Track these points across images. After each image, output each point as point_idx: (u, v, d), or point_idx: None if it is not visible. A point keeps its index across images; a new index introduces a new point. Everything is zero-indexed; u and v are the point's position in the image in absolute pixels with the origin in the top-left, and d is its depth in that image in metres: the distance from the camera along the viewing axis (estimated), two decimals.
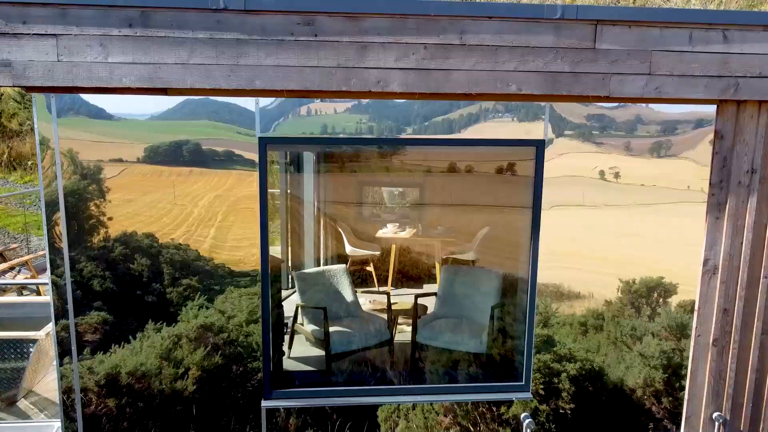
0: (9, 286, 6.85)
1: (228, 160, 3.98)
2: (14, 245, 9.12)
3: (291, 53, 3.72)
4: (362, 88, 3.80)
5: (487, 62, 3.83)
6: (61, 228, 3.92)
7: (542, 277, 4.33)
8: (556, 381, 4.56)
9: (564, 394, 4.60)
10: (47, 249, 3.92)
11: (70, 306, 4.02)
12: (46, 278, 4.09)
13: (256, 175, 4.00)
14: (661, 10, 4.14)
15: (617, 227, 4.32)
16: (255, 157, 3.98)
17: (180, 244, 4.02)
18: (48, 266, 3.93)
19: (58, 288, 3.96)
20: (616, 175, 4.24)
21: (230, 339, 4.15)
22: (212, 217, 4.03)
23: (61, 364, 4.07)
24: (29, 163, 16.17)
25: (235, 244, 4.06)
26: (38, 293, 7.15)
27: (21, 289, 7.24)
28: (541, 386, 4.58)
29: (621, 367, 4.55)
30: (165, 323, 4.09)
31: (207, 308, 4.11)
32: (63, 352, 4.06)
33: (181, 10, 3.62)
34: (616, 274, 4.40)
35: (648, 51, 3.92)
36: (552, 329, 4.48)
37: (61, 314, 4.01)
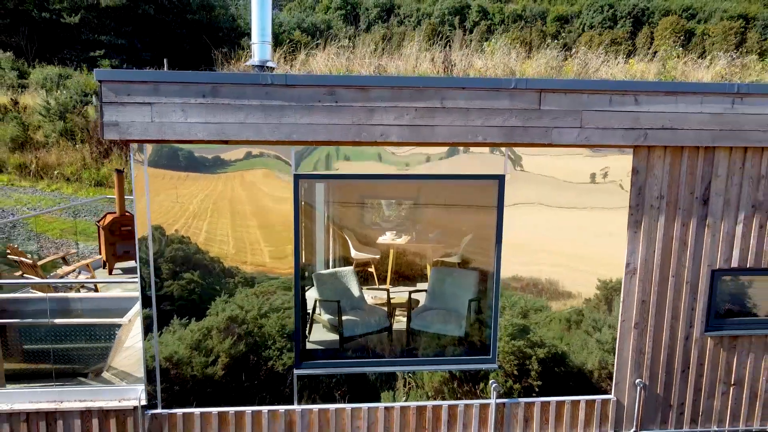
0: (73, 284, 8.20)
1: (269, 196, 5.40)
2: (73, 250, 10.48)
3: (319, 115, 5.14)
4: (370, 139, 5.23)
5: (461, 120, 5.26)
6: (149, 242, 5.34)
7: (529, 273, 5.76)
8: (528, 363, 5.99)
9: (533, 373, 6.02)
10: (138, 258, 5.34)
11: (153, 298, 5.43)
12: (101, 278, 5.45)
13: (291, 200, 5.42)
14: (588, 81, 5.55)
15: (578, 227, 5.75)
16: (291, 188, 5.40)
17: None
18: (138, 270, 5.35)
19: (144, 285, 5.37)
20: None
21: (264, 327, 5.57)
22: (250, 232, 5.45)
23: (145, 339, 5.48)
24: (55, 172, 17.52)
25: (276, 256, 5.48)
26: (96, 290, 8.52)
27: (80, 287, 8.61)
28: (516, 367, 6.00)
29: (584, 352, 5.96)
30: (218, 312, 5.50)
31: (246, 297, 5.52)
32: (147, 331, 5.47)
33: (240, 85, 5.04)
34: (590, 271, 5.78)
35: (579, 110, 5.36)
36: (528, 320, 5.89)
37: (147, 304, 5.42)
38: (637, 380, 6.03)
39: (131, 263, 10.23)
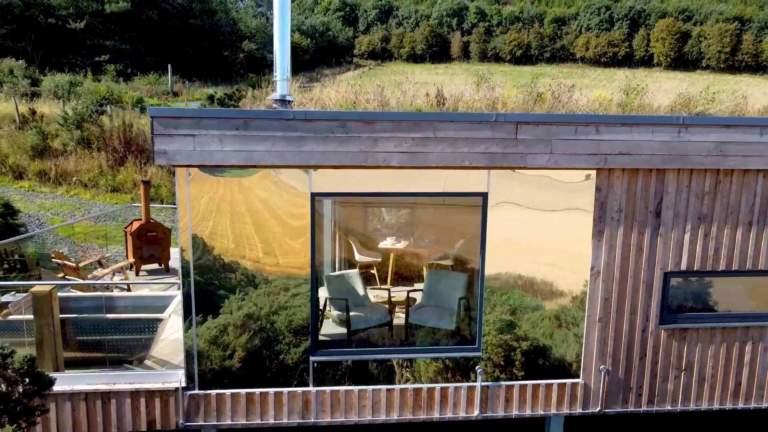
0: (109, 284, 9.21)
1: (289, 211, 6.44)
2: (107, 254, 11.52)
3: (332, 144, 6.19)
4: (375, 164, 6.27)
5: (450, 148, 6.30)
6: (189, 250, 6.37)
7: (517, 270, 6.79)
8: (512, 354, 7.02)
9: (517, 363, 7.06)
10: (180, 261, 6.38)
11: (192, 295, 6.46)
12: (133, 279, 6.46)
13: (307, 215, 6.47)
14: (556, 115, 6.60)
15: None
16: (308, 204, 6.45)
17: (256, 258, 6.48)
18: (180, 272, 6.39)
19: (185, 284, 6.41)
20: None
21: (282, 319, 6.61)
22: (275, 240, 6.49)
23: (185, 331, 6.51)
24: (73, 179, 18.53)
25: (292, 260, 6.52)
26: (128, 290, 9.53)
27: (114, 286, 9.61)
28: (502, 358, 7.04)
29: (564, 345, 7.00)
30: (232, 311, 6.54)
31: (259, 296, 6.57)
32: (187, 323, 6.51)
33: (267, 119, 6.08)
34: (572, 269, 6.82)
35: (549, 139, 6.41)
36: (515, 316, 6.92)
37: (187, 302, 6.46)
38: (602, 366, 7.08)
39: (155, 266, 11.26)
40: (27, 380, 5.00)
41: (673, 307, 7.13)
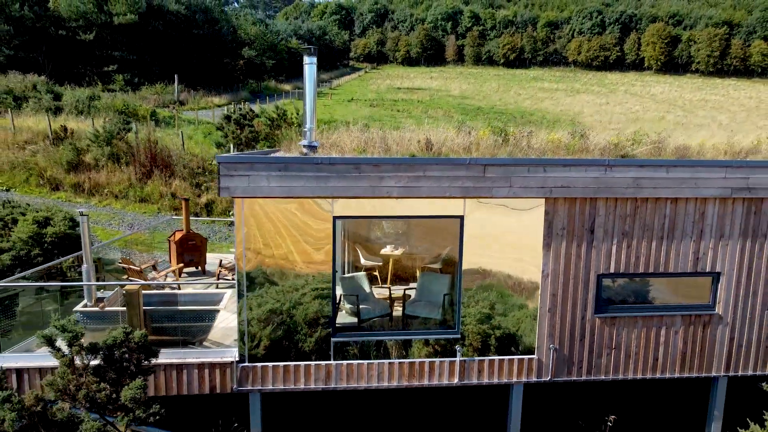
0: (164, 285, 11.40)
1: (316, 228, 8.69)
2: (159, 259, 13.71)
3: (349, 180, 8.44)
4: (380, 195, 8.53)
5: (436, 183, 8.57)
6: (242, 262, 8.62)
7: (502, 267, 9.06)
8: (489, 341, 9.28)
9: (491, 350, 9.32)
10: (237, 268, 8.63)
11: (244, 289, 8.70)
12: (173, 280, 8.67)
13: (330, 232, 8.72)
14: (513, 159, 8.86)
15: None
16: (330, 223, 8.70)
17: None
18: (236, 274, 8.63)
19: (240, 283, 8.65)
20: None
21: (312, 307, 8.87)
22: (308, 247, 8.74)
23: (239, 316, 8.75)
24: (105, 191, 20.72)
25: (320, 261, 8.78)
26: (178, 288, 11.72)
27: (167, 285, 11.80)
28: (479, 344, 9.29)
29: (531, 333, 9.26)
30: (258, 306, 8.79)
31: (280, 293, 8.82)
32: (240, 312, 8.75)
33: (302, 164, 8.33)
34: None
35: (509, 176, 8.68)
36: (493, 310, 9.17)
37: (240, 297, 8.70)
38: (551, 345, 9.36)
39: (193, 269, 13.48)
40: (141, 351, 7.24)
41: (604, 301, 9.42)
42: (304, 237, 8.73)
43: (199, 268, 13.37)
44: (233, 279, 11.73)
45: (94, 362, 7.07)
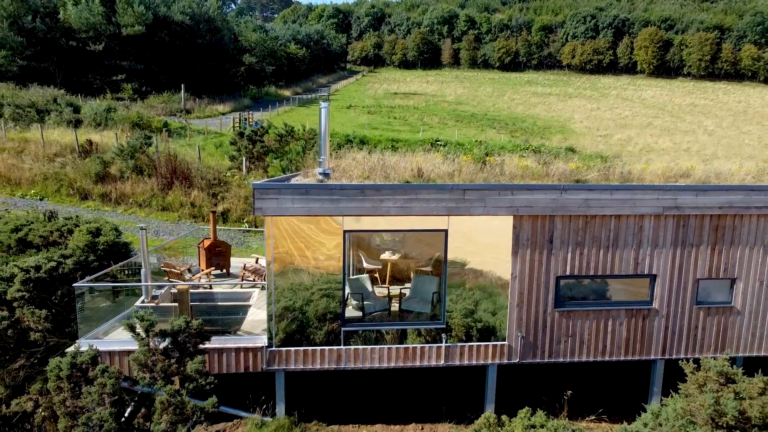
0: (199, 285, 13.55)
1: (325, 242, 10.88)
2: (193, 264, 15.87)
3: (356, 202, 10.64)
4: (381, 213, 10.73)
5: (425, 203, 10.78)
6: (271, 266, 10.81)
7: (487, 266, 11.27)
8: (471, 331, 11.47)
9: (474, 338, 11.51)
10: (267, 273, 10.82)
11: (272, 288, 10.89)
12: (206, 281, 10.87)
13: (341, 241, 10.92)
14: (487, 185, 11.06)
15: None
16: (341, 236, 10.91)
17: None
18: (267, 277, 10.82)
19: (269, 283, 10.84)
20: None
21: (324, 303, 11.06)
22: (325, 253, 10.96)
23: (268, 308, 10.93)
24: (130, 200, 22.85)
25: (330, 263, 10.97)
26: (210, 288, 13.87)
27: (201, 286, 13.94)
28: (463, 335, 11.49)
29: (509, 325, 11.44)
30: (280, 301, 10.98)
31: (294, 291, 11.02)
32: (269, 306, 10.93)
33: (319, 189, 10.53)
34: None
35: (484, 198, 10.89)
36: (477, 307, 11.36)
37: (269, 294, 10.89)
38: (518, 333, 11.57)
39: (218, 271, 15.66)
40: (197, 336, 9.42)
41: (562, 298, 11.64)
42: (319, 247, 10.92)
43: (224, 270, 15.54)
44: (255, 280, 13.98)
45: (162, 345, 9.26)
